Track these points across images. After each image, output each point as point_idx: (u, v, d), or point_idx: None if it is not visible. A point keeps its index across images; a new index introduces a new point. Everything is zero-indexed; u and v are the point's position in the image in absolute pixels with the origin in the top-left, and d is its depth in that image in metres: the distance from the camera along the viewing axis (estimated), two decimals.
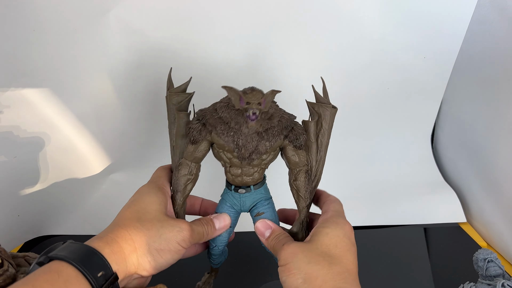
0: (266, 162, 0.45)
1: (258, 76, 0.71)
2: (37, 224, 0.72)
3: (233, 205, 0.48)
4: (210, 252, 0.50)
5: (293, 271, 0.36)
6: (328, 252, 0.37)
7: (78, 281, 0.33)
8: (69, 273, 0.32)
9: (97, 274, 0.33)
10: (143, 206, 0.41)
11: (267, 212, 0.47)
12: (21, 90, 0.63)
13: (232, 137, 0.43)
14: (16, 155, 0.66)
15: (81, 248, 0.35)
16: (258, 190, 0.47)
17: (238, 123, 0.42)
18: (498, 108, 0.69)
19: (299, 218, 0.46)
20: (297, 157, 0.46)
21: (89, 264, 0.33)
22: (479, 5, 0.70)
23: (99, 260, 0.34)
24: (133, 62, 0.67)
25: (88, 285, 0.33)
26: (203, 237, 0.44)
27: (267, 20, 0.67)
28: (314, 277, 0.35)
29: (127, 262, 0.37)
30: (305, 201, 0.46)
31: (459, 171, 0.84)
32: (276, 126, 0.44)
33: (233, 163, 0.45)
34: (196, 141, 0.44)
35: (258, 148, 0.43)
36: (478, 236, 0.75)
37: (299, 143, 0.45)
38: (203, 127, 0.44)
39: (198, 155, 0.45)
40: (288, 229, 0.47)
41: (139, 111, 0.72)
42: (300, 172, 0.46)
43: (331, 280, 0.34)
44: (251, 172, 0.45)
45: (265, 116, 0.43)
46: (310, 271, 0.35)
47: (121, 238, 0.37)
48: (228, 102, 0.44)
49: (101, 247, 0.36)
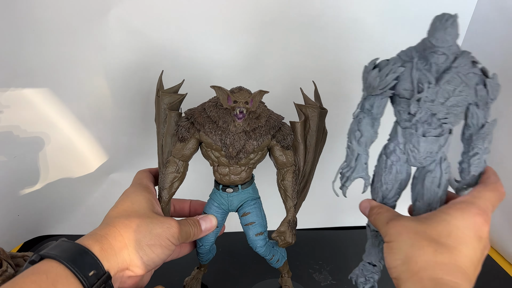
0: (254, 162, 0.46)
1: (258, 76, 0.71)
2: (37, 224, 0.72)
3: (221, 205, 0.48)
4: (197, 250, 0.51)
5: (394, 250, 0.34)
6: (437, 239, 0.33)
7: (67, 280, 0.32)
8: (58, 273, 0.32)
9: (88, 273, 0.33)
10: (130, 205, 0.42)
11: (253, 212, 0.48)
12: (21, 90, 0.63)
13: (220, 136, 0.44)
14: (16, 155, 0.66)
15: (72, 247, 0.35)
16: (245, 189, 0.48)
17: (226, 122, 0.43)
18: (498, 108, 0.69)
19: (286, 218, 0.47)
20: (285, 157, 0.47)
21: (80, 263, 0.33)
22: (479, 5, 0.70)
23: (90, 259, 0.34)
24: (132, 62, 0.67)
25: (78, 284, 0.33)
26: (190, 237, 0.44)
27: (267, 20, 0.67)
28: (414, 261, 0.32)
29: (118, 258, 0.37)
30: (292, 201, 0.47)
31: None
32: (264, 126, 0.45)
33: (221, 162, 0.45)
34: (184, 139, 0.45)
35: (246, 147, 0.44)
36: None
37: (286, 143, 0.46)
38: (191, 126, 0.45)
39: (186, 153, 0.46)
40: (276, 229, 0.48)
41: (139, 110, 0.72)
42: (287, 172, 0.47)
43: (431, 268, 0.31)
44: (238, 171, 0.46)
45: (252, 115, 0.44)
46: (411, 254, 0.33)
47: (110, 235, 0.37)
48: (217, 102, 0.45)
49: (91, 245, 0.35)
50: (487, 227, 0.34)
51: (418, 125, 0.38)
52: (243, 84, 0.45)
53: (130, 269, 0.38)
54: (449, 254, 0.32)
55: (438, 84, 0.35)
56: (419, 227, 0.34)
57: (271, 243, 0.51)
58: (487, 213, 0.35)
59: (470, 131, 0.39)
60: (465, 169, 0.39)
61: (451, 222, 0.34)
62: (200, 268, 0.57)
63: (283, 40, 0.69)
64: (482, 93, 0.36)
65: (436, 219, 0.34)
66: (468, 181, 0.40)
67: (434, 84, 0.35)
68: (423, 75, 0.36)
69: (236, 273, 0.63)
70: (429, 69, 0.36)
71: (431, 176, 0.39)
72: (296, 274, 0.61)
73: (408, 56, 0.38)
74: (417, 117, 0.37)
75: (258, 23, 0.67)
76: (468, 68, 0.36)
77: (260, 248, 0.49)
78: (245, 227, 0.49)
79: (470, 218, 0.34)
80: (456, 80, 0.35)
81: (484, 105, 0.38)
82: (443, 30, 0.34)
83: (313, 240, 0.73)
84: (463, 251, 0.32)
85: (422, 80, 0.36)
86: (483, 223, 0.34)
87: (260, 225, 0.49)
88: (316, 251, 0.70)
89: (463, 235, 0.33)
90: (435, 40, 0.34)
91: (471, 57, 0.36)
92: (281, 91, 0.65)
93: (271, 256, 0.51)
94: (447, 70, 0.35)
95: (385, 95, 0.39)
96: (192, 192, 0.55)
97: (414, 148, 0.39)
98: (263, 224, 0.49)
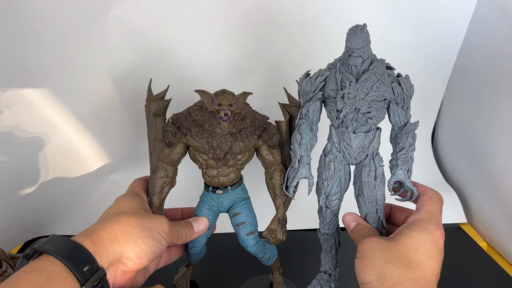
0: (242, 163, 0.47)
1: (258, 76, 0.71)
2: (37, 224, 0.72)
3: (212, 206, 0.49)
4: (189, 251, 0.51)
5: (368, 266, 0.36)
6: (407, 255, 0.36)
7: (61, 276, 0.32)
8: (52, 270, 0.32)
9: (83, 268, 0.34)
10: (121, 206, 0.43)
11: (243, 213, 0.49)
12: (21, 90, 0.63)
13: (206, 139, 0.44)
14: (16, 155, 0.66)
15: (67, 243, 0.35)
16: (235, 190, 0.49)
17: (211, 125, 0.44)
18: (498, 108, 0.69)
19: (276, 216, 0.48)
20: (272, 156, 0.48)
21: (74, 258, 0.34)
22: (479, 5, 0.70)
23: (84, 254, 0.35)
24: (133, 62, 0.67)
25: (73, 280, 0.33)
26: (182, 238, 0.45)
27: (267, 20, 0.67)
28: (388, 277, 0.35)
29: (109, 251, 0.37)
30: (281, 199, 0.48)
31: (459, 171, 0.84)
32: (249, 127, 0.46)
33: (209, 164, 0.46)
34: (171, 144, 0.46)
35: (233, 149, 0.45)
36: (478, 237, 0.75)
37: (273, 142, 0.47)
38: (177, 130, 0.46)
39: (174, 157, 0.47)
40: (267, 227, 0.49)
41: (139, 111, 0.72)
42: (275, 170, 0.48)
43: (404, 283, 0.34)
44: (227, 172, 0.47)
45: (237, 117, 0.45)
46: (384, 270, 0.35)
47: (100, 229, 0.38)
48: (202, 105, 0.45)
49: (83, 240, 0.36)
50: (443, 239, 0.39)
51: (348, 122, 0.44)
52: (243, 84, 0.46)
53: (123, 262, 0.38)
54: (418, 270, 0.35)
55: (358, 82, 0.42)
56: (391, 244, 0.37)
57: (262, 241, 0.52)
58: (441, 226, 0.40)
59: (395, 131, 0.46)
60: (394, 166, 0.45)
61: (418, 237, 0.37)
62: (188, 266, 0.57)
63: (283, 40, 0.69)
64: (398, 90, 0.44)
65: (404, 236, 0.38)
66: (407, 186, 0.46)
67: (355, 83, 0.42)
68: (346, 77, 0.43)
69: (226, 270, 0.63)
70: (350, 71, 0.43)
71: (367, 170, 0.45)
72: (296, 274, 0.61)
73: (333, 65, 0.45)
74: (343, 112, 0.43)
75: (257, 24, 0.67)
76: (383, 69, 0.43)
77: (251, 247, 0.50)
78: (236, 227, 0.50)
79: (431, 233, 0.38)
80: (373, 78, 0.42)
81: (402, 104, 0.45)
82: (354, 34, 0.41)
83: (309, 241, 0.72)
84: (429, 265, 0.36)
85: (345, 80, 0.43)
86: (441, 236, 0.39)
87: (251, 225, 0.50)
88: (315, 252, 0.70)
89: (428, 250, 0.37)
90: (350, 43, 0.42)
91: (386, 63, 0.44)
92: None
93: (262, 254, 0.52)
94: (365, 71, 0.43)
95: (316, 97, 0.45)
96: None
97: (347, 146, 0.45)
98: (253, 224, 0.50)
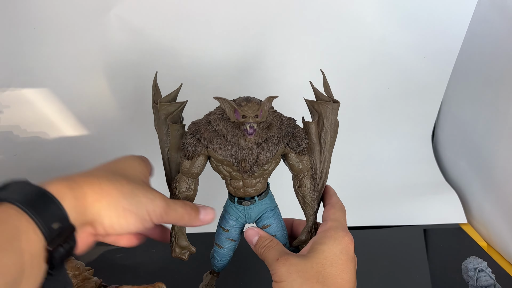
0: (269, 172, 0.43)
1: (258, 75, 0.71)
2: None
3: (238, 218, 0.45)
4: (215, 264, 0.49)
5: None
6: (322, 271, 0.36)
7: (27, 230, 0.26)
8: (15, 224, 0.26)
9: (52, 225, 0.28)
10: (122, 166, 0.37)
11: (273, 225, 0.45)
12: (21, 90, 0.63)
13: (230, 151, 0.40)
14: (16, 154, 0.66)
15: (37, 192, 0.29)
16: (263, 200, 0.44)
17: (235, 136, 0.39)
18: (498, 108, 0.69)
19: (307, 226, 0.45)
20: (300, 163, 0.43)
21: (44, 212, 0.28)
22: (479, 5, 0.70)
23: (57, 210, 0.29)
24: (133, 61, 0.67)
25: (39, 236, 0.27)
26: (181, 219, 0.39)
27: (267, 20, 0.67)
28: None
29: (86, 212, 0.31)
30: (312, 208, 0.44)
31: (459, 171, 0.84)
32: (276, 135, 0.41)
33: (234, 176, 0.42)
34: (191, 157, 0.41)
35: (259, 160, 0.40)
36: (478, 237, 0.75)
37: (302, 149, 0.42)
38: (198, 142, 0.41)
39: (195, 171, 0.42)
40: (297, 238, 0.45)
41: (139, 110, 0.72)
42: (304, 177, 0.44)
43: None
44: (253, 183, 0.42)
45: (263, 125, 0.40)
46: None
47: (88, 184, 0.32)
48: (222, 113, 0.41)
49: (62, 192, 0.30)
50: (353, 245, 0.39)
51: None
52: (244, 84, 0.44)
53: (93, 225, 0.33)
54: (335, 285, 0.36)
55: None
56: (306, 263, 0.37)
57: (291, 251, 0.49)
58: (349, 232, 0.39)
59: None
60: None
61: (330, 251, 0.37)
62: (213, 274, 0.54)
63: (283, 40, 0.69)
64: None
65: (316, 252, 0.38)
66: None
67: None
68: None
69: (250, 278, 0.62)
70: None
71: None
72: None
73: None
74: None
75: (259, 23, 0.67)
76: None
77: None
78: None
79: (341, 242, 0.38)
80: None
81: None
82: None
83: None
84: (345, 277, 0.36)
85: None
86: (350, 242, 0.38)
87: (281, 237, 0.46)
88: None
89: (341, 261, 0.37)
90: None
91: None
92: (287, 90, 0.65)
93: None
94: None
95: None
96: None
97: None
98: (284, 236, 0.47)
